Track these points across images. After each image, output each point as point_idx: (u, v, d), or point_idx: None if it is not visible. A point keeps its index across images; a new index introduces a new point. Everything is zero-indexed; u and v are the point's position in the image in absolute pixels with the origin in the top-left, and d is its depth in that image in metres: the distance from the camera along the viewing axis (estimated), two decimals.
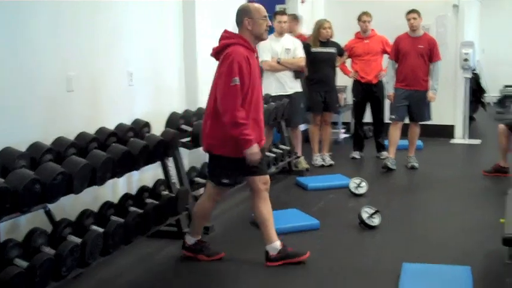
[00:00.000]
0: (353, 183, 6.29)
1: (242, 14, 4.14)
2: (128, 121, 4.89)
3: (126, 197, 4.60)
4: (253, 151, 4.04)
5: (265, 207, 4.32)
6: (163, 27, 5.76)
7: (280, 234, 4.63)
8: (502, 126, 6.93)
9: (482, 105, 11.10)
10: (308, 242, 4.82)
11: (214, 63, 6.25)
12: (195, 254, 4.48)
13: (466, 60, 9.13)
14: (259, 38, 4.20)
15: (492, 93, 12.55)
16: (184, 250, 4.53)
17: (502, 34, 13.34)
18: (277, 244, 4.33)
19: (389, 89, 7.60)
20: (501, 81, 12.54)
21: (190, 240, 4.50)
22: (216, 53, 4.19)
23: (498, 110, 12.00)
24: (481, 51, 12.17)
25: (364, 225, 5.14)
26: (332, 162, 7.76)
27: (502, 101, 12.04)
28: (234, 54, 4.00)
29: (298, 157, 7.32)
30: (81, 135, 4.33)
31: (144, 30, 5.39)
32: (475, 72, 10.15)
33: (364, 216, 5.16)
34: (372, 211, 5.17)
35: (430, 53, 7.37)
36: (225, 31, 4.24)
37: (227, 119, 3.99)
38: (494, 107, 12.35)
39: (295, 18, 8.04)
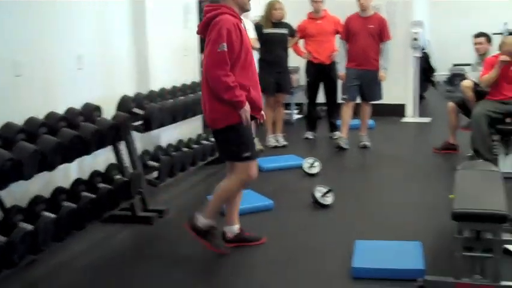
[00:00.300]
0: (306, 163, 6.35)
1: None
2: (78, 105, 4.82)
3: (78, 182, 4.55)
4: (247, 110, 3.97)
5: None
6: (113, 9, 5.67)
7: None
8: (451, 104, 7.07)
9: (432, 84, 11.27)
10: (262, 222, 4.86)
11: (165, 45, 6.25)
12: (200, 237, 4.23)
13: (415, 39, 9.26)
14: (243, 9, 4.08)
15: (442, 72, 12.74)
16: (190, 227, 4.22)
17: (452, 13, 13.52)
18: (235, 228, 4.36)
19: (340, 69, 7.66)
20: (451, 60, 12.72)
21: (201, 221, 4.18)
22: (204, 28, 4.00)
23: (448, 88, 12.20)
24: (431, 30, 12.32)
25: (318, 204, 5.20)
26: (285, 142, 7.81)
27: (452, 79, 12.23)
28: (222, 21, 3.88)
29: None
30: (30, 121, 4.26)
31: (93, 12, 5.30)
32: (424, 51, 10.29)
33: (318, 195, 5.21)
34: (325, 190, 5.24)
35: (381, 33, 7.45)
36: (208, 5, 4.08)
37: (218, 85, 3.87)
38: (444, 86, 12.54)
39: None
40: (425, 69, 10.43)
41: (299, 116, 9.70)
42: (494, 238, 3.38)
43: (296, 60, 8.61)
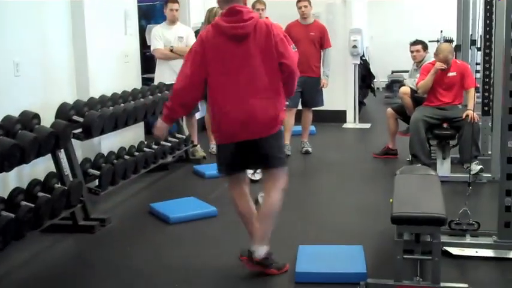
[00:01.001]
0: (249, 169, 6.35)
1: None
2: (15, 113, 4.70)
3: (16, 191, 4.43)
4: None
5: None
6: (51, 15, 5.57)
7: (179, 222, 4.65)
8: (390, 110, 7.20)
9: (371, 90, 11.47)
10: (206, 229, 4.84)
11: (105, 51, 6.17)
12: (265, 268, 3.95)
13: (354, 46, 9.41)
14: None
15: (381, 79, 13.01)
16: (254, 264, 3.95)
17: (390, 21, 13.80)
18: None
19: None
20: (389, 67, 13.00)
21: (262, 251, 3.92)
22: (252, 28, 3.83)
23: (386, 94, 12.46)
24: (369, 38, 12.55)
25: None
26: None
27: (390, 86, 12.50)
28: (274, 24, 4.00)
29: (195, 145, 7.32)
30: None
31: (30, 18, 5.19)
32: (364, 58, 10.47)
33: (261, 201, 5.22)
34: None
35: (321, 40, 7.56)
36: (239, 5, 3.83)
37: (296, 83, 4.11)
38: (383, 92, 12.80)
39: None
40: (365, 76, 10.61)
41: None
42: (433, 241, 3.46)
43: None
